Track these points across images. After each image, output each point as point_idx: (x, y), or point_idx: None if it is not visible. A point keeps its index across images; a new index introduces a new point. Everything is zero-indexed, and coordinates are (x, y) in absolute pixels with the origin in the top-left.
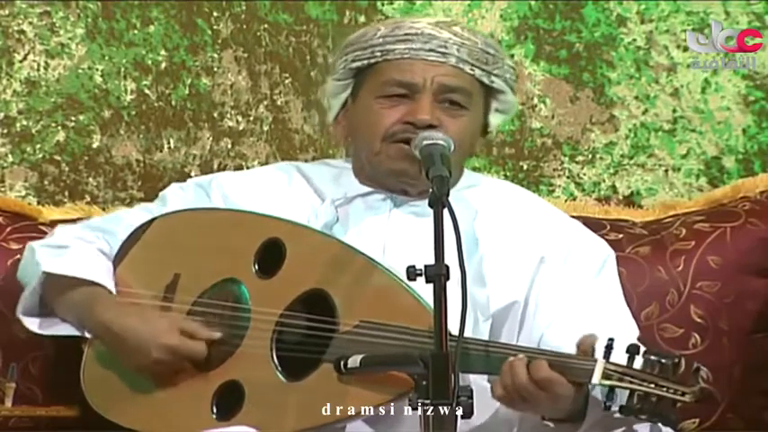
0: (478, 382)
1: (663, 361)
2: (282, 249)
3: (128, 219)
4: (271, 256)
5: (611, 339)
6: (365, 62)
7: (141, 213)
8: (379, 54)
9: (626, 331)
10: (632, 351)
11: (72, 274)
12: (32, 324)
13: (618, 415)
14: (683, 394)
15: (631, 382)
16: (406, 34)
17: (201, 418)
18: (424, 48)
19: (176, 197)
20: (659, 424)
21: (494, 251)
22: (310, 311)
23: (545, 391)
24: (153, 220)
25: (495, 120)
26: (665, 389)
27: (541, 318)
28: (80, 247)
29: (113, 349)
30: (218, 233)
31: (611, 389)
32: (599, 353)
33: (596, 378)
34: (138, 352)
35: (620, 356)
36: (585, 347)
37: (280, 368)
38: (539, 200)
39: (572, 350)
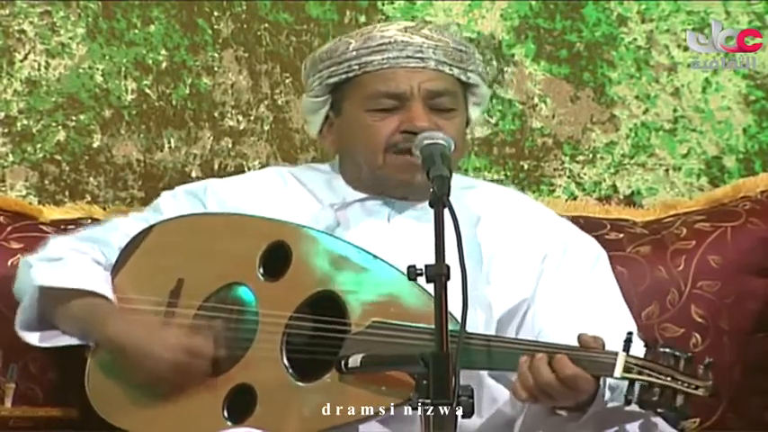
0: (478, 379)
1: (677, 354)
2: (288, 252)
3: (122, 228)
4: (276, 259)
5: (630, 333)
6: (343, 77)
7: (135, 222)
8: (356, 67)
9: (623, 324)
10: (650, 344)
11: (67, 286)
12: (32, 338)
13: (636, 408)
14: (697, 388)
15: (650, 375)
16: (379, 44)
17: (213, 422)
18: (402, 55)
19: (170, 205)
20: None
21: (500, 253)
22: (320, 313)
23: (570, 389)
24: (152, 226)
25: (474, 113)
26: (680, 382)
27: (541, 312)
28: (75, 258)
29: (120, 363)
30: (220, 237)
31: (631, 382)
32: (618, 346)
33: (618, 372)
34: (146, 370)
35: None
36: (587, 344)
37: (291, 370)
38: (532, 200)
39: (571, 343)
